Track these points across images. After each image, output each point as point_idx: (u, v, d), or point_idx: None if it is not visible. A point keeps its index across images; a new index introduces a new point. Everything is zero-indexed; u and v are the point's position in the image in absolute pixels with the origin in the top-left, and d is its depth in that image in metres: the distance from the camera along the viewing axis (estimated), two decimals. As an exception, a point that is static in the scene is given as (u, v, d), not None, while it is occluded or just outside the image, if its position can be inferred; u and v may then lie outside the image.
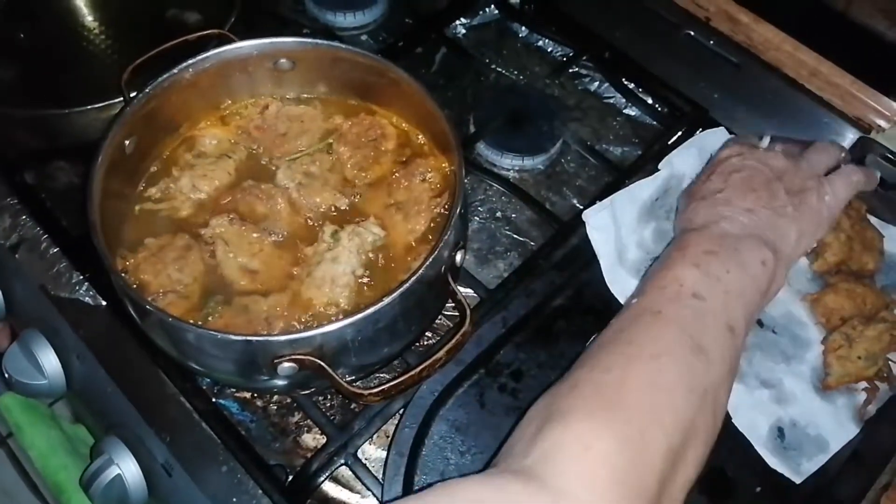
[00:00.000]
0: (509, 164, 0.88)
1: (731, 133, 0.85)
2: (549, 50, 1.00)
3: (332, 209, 0.72)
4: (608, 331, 0.63)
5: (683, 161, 0.81)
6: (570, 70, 0.97)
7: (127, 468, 0.70)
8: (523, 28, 1.02)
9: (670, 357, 0.56)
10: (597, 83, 0.97)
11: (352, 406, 0.73)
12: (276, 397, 0.74)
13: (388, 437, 0.71)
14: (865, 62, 0.89)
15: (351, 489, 0.69)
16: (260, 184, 0.72)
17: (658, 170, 0.82)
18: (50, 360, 0.76)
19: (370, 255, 0.68)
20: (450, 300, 0.69)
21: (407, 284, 0.57)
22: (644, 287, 0.65)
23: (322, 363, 0.55)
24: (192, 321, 0.63)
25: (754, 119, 0.92)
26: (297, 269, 0.68)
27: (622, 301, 0.74)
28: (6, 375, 0.76)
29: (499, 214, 0.86)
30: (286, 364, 0.56)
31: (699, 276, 0.62)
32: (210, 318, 0.65)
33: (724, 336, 0.59)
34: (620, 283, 0.75)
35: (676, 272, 0.63)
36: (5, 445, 1.68)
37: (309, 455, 0.70)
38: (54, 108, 0.81)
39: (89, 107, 0.79)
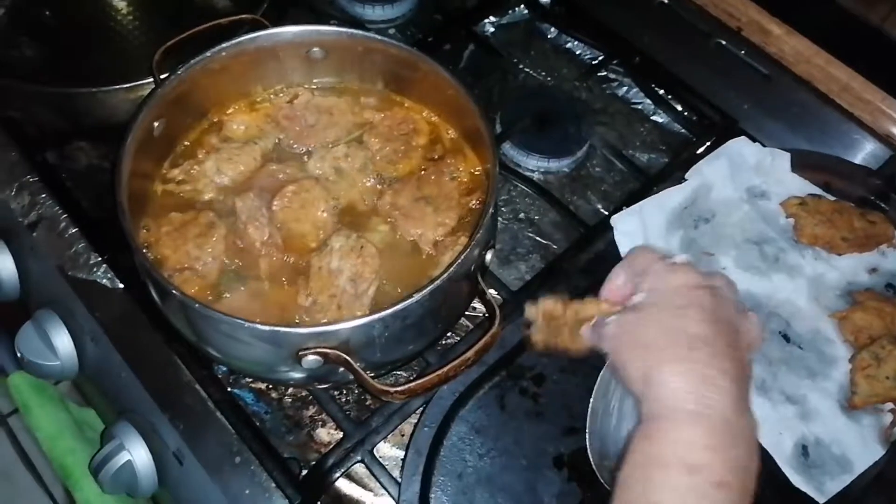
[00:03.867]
0: (535, 165, 0.87)
1: (763, 145, 0.84)
2: (577, 52, 0.99)
3: (359, 205, 0.71)
4: None
5: (713, 170, 0.80)
6: (599, 73, 0.96)
7: (138, 455, 0.68)
8: (553, 29, 1.01)
9: None
10: (625, 88, 0.96)
11: (367, 402, 0.72)
12: (291, 389, 0.73)
13: (403, 435, 0.70)
14: (899, 79, 0.88)
15: (364, 486, 0.68)
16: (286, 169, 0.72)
17: (686, 178, 0.81)
18: (63, 342, 0.74)
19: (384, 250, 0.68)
20: (476, 300, 0.68)
21: (437, 282, 0.56)
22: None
23: (348, 357, 0.54)
24: (208, 297, 0.63)
25: (783, 131, 0.91)
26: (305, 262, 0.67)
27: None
28: (18, 354, 0.75)
29: (522, 216, 0.85)
30: (311, 357, 0.55)
31: None
32: (226, 295, 0.64)
33: None
34: (646, 291, 0.74)
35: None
36: (5, 425, 1.67)
37: (323, 450, 0.69)
38: (80, 86, 0.79)
39: (115, 87, 0.78)
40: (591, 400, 0.67)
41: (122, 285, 0.74)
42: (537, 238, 0.83)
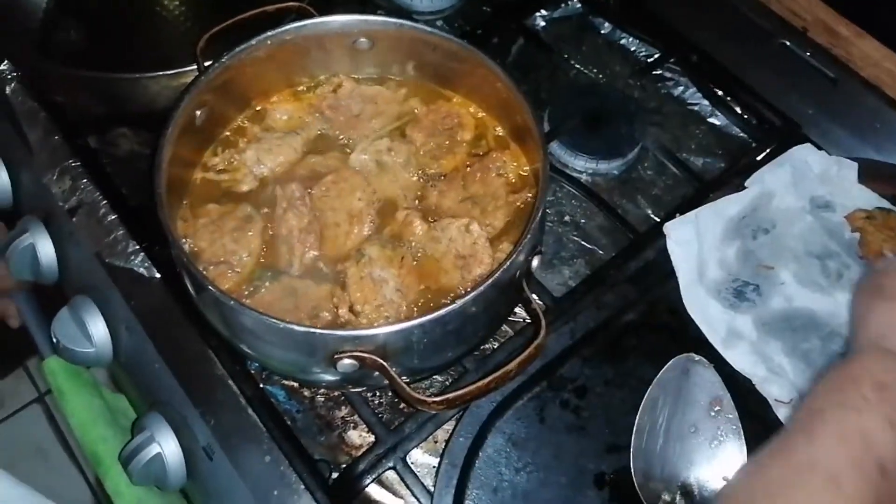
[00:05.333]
0: (583, 166, 0.84)
1: (828, 153, 0.79)
2: (632, 49, 0.95)
3: (400, 201, 0.69)
4: (768, 471, 0.48)
5: (776, 179, 0.76)
6: (654, 72, 0.92)
7: (168, 447, 0.68)
8: (607, 24, 0.97)
9: None
10: (681, 87, 0.91)
11: (401, 406, 0.70)
12: (323, 389, 0.71)
13: (437, 442, 0.67)
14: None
15: (395, 494, 0.66)
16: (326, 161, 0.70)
17: (745, 186, 0.76)
18: (99, 329, 0.74)
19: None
20: (518, 306, 0.65)
21: (481, 288, 0.53)
22: (814, 425, 0.49)
23: (384, 363, 0.52)
24: (242, 291, 0.62)
25: (850, 139, 0.85)
26: (341, 266, 0.65)
27: (698, 321, 0.70)
28: (54, 340, 0.75)
29: (567, 218, 0.82)
30: (346, 360, 0.52)
31: (892, 444, 0.47)
32: (260, 291, 0.63)
33: None
34: (698, 303, 0.70)
35: (865, 422, 0.48)
36: (42, 403, 1.70)
37: (354, 453, 0.67)
38: (124, 72, 0.79)
39: (160, 73, 0.77)
40: (637, 417, 0.64)
41: (158, 275, 0.73)
42: (583, 242, 0.80)
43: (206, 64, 0.65)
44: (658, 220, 0.79)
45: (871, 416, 0.48)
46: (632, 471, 0.61)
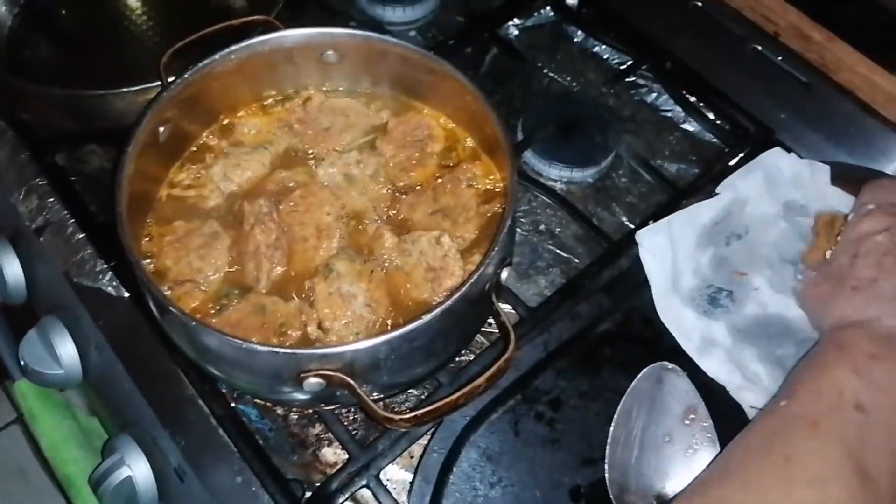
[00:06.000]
0: (557, 174, 0.84)
1: (799, 156, 0.79)
2: (605, 57, 0.95)
3: (369, 213, 0.68)
4: (753, 434, 0.56)
5: (747, 184, 0.75)
6: (628, 79, 0.92)
7: (138, 470, 0.66)
8: (580, 32, 0.97)
9: (835, 484, 0.50)
10: (654, 94, 0.91)
11: (375, 422, 0.69)
12: (296, 407, 0.70)
13: (412, 457, 0.66)
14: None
15: (369, 512, 0.65)
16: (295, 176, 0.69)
17: (717, 192, 0.76)
18: (67, 350, 0.73)
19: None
20: (490, 319, 0.64)
21: (448, 302, 0.52)
22: (793, 388, 0.57)
23: (352, 381, 0.51)
24: (209, 310, 0.61)
25: (823, 144, 0.86)
26: (309, 282, 0.64)
27: (672, 330, 0.69)
28: (22, 363, 0.73)
29: (542, 227, 0.81)
30: (313, 379, 0.52)
31: (862, 385, 0.54)
32: (228, 309, 0.62)
33: (892, 459, 0.52)
34: (673, 312, 0.70)
35: (835, 377, 0.56)
36: (22, 423, 1.67)
37: (328, 471, 0.66)
38: (91, 88, 0.78)
39: (126, 89, 0.76)
40: (612, 428, 0.63)
41: (127, 294, 0.72)
42: (558, 251, 0.80)
43: (170, 80, 0.64)
44: (633, 227, 0.79)
45: (838, 369, 0.56)
46: (607, 483, 0.60)
